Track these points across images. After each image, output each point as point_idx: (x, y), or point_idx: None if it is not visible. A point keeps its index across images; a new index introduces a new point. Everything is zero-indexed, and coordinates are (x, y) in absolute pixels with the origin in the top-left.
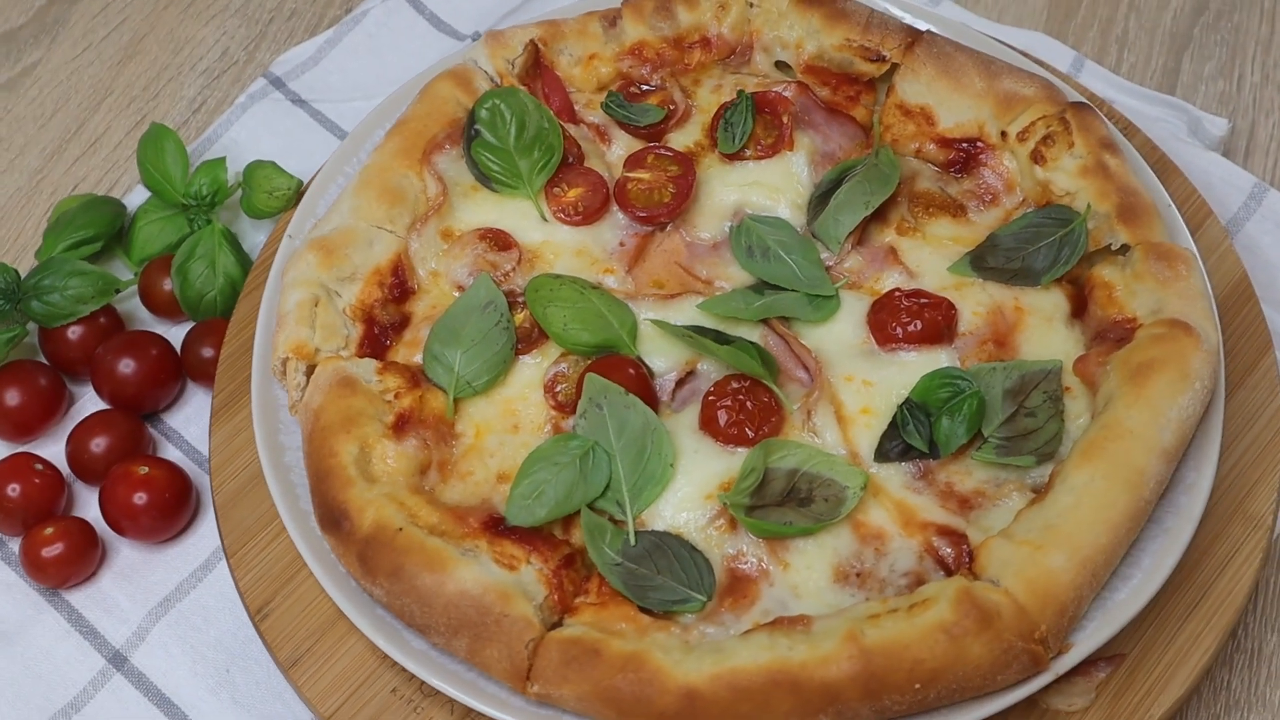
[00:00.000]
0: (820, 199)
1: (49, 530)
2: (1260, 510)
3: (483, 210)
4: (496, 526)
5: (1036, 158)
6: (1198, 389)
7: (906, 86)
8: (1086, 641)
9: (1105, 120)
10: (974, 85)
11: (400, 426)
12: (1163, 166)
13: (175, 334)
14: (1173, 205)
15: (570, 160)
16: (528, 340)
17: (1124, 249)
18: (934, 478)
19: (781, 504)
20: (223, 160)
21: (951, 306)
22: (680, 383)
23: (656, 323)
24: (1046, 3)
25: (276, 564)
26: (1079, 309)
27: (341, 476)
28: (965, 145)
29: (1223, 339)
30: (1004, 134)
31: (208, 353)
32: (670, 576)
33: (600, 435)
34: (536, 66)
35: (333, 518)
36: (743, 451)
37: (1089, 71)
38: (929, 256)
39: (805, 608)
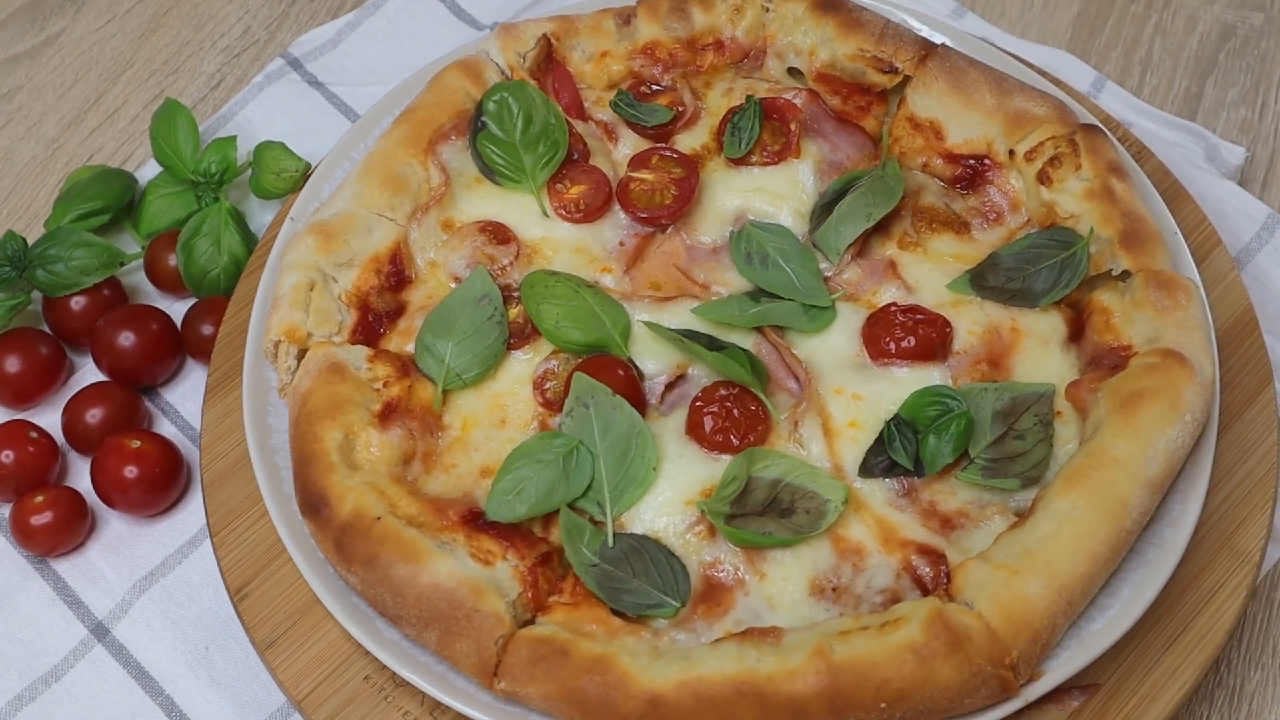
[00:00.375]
0: (824, 208)
1: (39, 499)
2: (1248, 546)
3: (485, 203)
4: (476, 521)
5: (1043, 178)
6: (1188, 421)
7: (918, 100)
8: (1059, 670)
9: (1116, 143)
10: (985, 102)
11: (386, 415)
12: (1174, 193)
13: (179, 310)
14: (1179, 233)
15: (575, 157)
16: (520, 335)
17: (1125, 275)
18: (917, 496)
19: (762, 514)
20: (233, 139)
21: (947, 324)
22: (670, 386)
23: (649, 325)
24: (1071, 21)
25: (259, 545)
26: (1076, 333)
27: (324, 462)
28: (973, 162)
29: (1223, 371)
30: (1012, 152)
31: (207, 330)
32: (645, 580)
33: (585, 435)
34: (548, 61)
35: (313, 503)
36: (727, 459)
37: (1109, 92)
38: (929, 272)
39: (779, 619)
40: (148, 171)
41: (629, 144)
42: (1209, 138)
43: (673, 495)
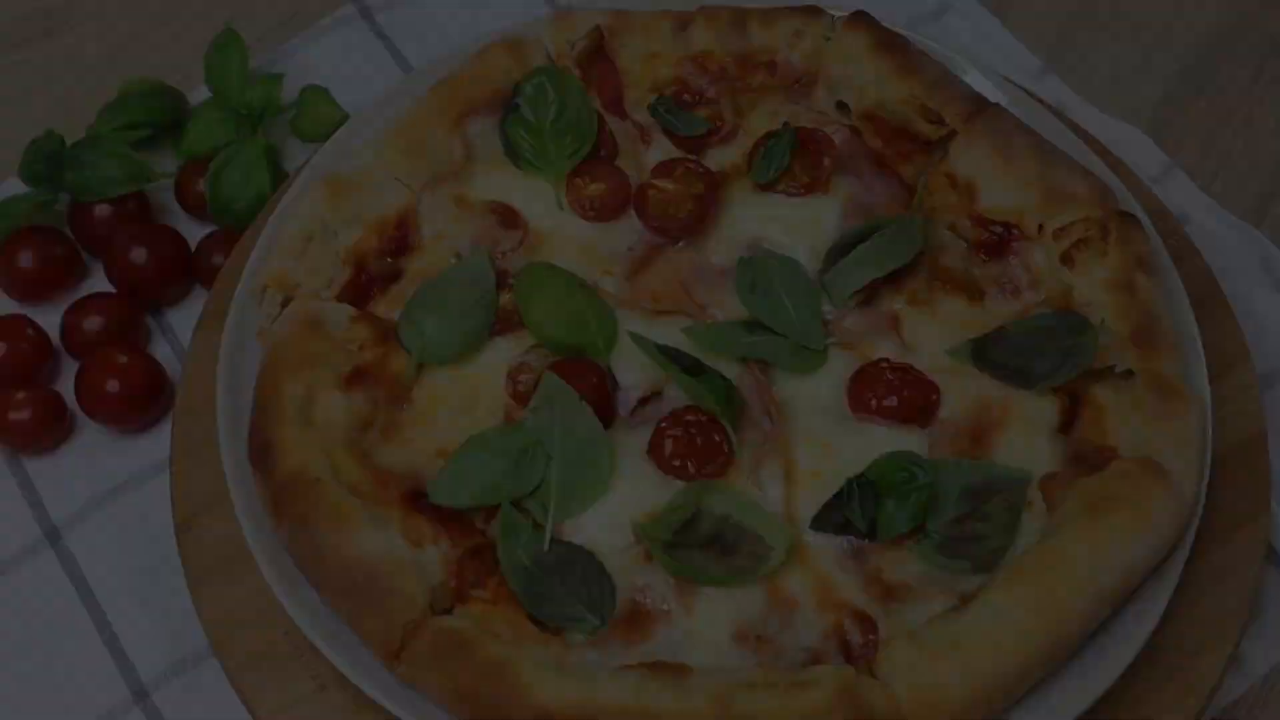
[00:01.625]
0: (841, 250)
1: (21, 395)
2: (1201, 677)
3: (502, 185)
4: (416, 501)
5: (1066, 259)
6: (1153, 538)
7: (959, 157)
8: None
9: (1153, 236)
10: (1025, 170)
11: (354, 379)
12: (1211, 299)
13: (200, 235)
14: (1198, 340)
15: (602, 154)
16: (507, 323)
17: (1130, 374)
18: (865, 559)
19: (703, 548)
20: (279, 77)
21: (935, 390)
22: (644, 401)
23: (634, 336)
24: (1158, 100)
25: (213, 482)
26: (1068, 424)
27: (279, 414)
28: (1001, 229)
29: (1217, 492)
30: (1041, 227)
31: (218, 260)
32: (571, 593)
33: (545, 435)
34: (597, 53)
35: (260, 452)
36: (681, 485)
37: (1175, 181)
38: (932, 334)
39: (696, 658)
40: (201, 94)
41: (661, 150)
42: (1268, 247)
43: (618, 512)
